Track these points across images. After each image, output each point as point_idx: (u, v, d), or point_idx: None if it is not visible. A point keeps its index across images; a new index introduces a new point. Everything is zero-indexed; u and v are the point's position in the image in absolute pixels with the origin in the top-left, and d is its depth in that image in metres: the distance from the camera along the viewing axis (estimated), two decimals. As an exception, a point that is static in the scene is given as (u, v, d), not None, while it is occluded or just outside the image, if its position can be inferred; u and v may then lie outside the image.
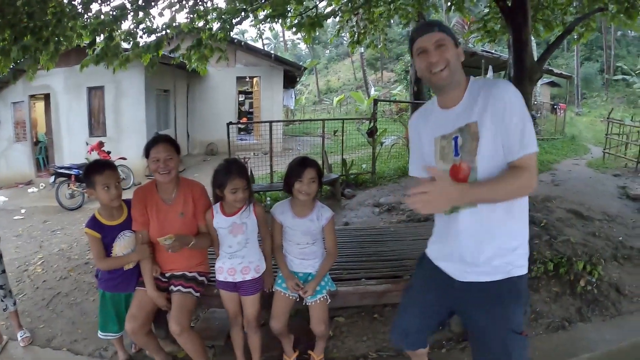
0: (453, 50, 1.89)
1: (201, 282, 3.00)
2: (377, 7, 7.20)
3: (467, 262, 1.93)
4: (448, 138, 1.93)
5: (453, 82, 1.91)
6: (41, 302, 4.47)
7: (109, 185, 2.80)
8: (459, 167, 1.89)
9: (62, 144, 12.68)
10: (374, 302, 3.40)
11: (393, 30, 33.60)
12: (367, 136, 9.45)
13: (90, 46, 4.90)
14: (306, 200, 2.77)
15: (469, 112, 1.87)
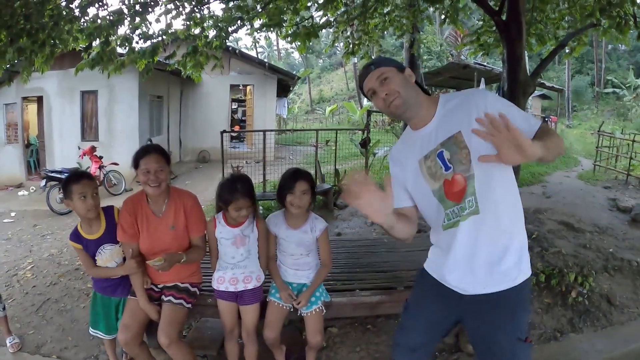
0: (398, 77, 1.89)
1: (193, 293, 2.97)
2: (372, 18, 7.24)
3: (473, 275, 1.87)
4: (431, 156, 1.90)
5: (413, 105, 1.90)
6: (31, 308, 4.42)
7: (85, 195, 2.73)
8: (452, 180, 1.85)
9: (53, 147, 12.60)
10: (368, 313, 3.41)
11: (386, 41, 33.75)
12: (360, 147, 9.46)
13: (86, 50, 4.89)
14: (299, 212, 2.77)
15: (448, 125, 1.86)
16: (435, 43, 28.94)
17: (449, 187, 1.86)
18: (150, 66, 5.51)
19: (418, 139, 1.96)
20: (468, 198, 1.82)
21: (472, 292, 1.90)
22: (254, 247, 2.86)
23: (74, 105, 12.35)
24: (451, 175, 1.84)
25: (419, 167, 1.95)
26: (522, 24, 4.64)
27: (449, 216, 1.88)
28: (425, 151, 1.92)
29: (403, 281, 3.42)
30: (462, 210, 1.84)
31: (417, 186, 1.99)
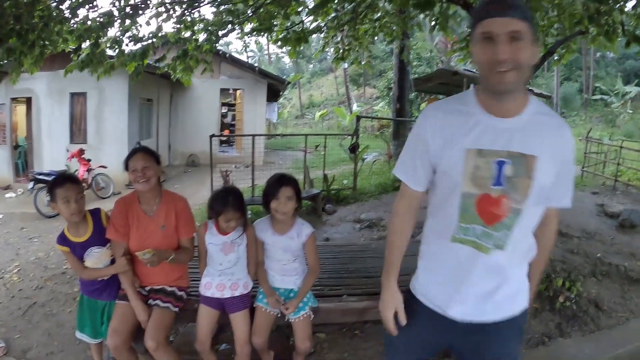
0: (529, 49, 1.45)
1: (180, 297, 2.97)
2: (362, 24, 7.26)
3: (474, 304, 1.67)
4: (489, 157, 1.55)
5: (516, 90, 1.52)
6: (17, 312, 4.41)
7: (69, 199, 2.72)
8: (495, 200, 1.56)
9: (42, 149, 12.46)
10: (356, 318, 3.41)
11: (376, 47, 33.93)
12: (349, 152, 9.50)
13: (75, 52, 4.87)
14: (284, 218, 2.77)
15: (530, 138, 1.53)
16: (425, 49, 29.05)
17: (487, 205, 1.58)
18: (140, 69, 5.49)
19: (484, 124, 1.57)
20: (502, 230, 1.58)
21: (468, 321, 1.70)
22: (242, 254, 2.86)
23: (63, 107, 12.25)
24: (498, 194, 1.56)
25: (463, 156, 1.57)
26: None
27: (466, 231, 1.63)
28: (484, 145, 1.55)
29: (391, 286, 3.40)
30: (486, 237, 1.60)
31: (446, 175, 1.65)
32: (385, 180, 10.16)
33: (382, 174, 11.15)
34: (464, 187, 1.59)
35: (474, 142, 1.56)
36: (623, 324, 3.93)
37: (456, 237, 1.65)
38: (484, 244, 1.61)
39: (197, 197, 10.00)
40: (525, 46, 1.43)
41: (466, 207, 1.61)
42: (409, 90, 14.41)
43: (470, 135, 1.57)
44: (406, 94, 14.29)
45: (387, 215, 7.26)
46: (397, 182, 8.16)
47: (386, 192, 9.20)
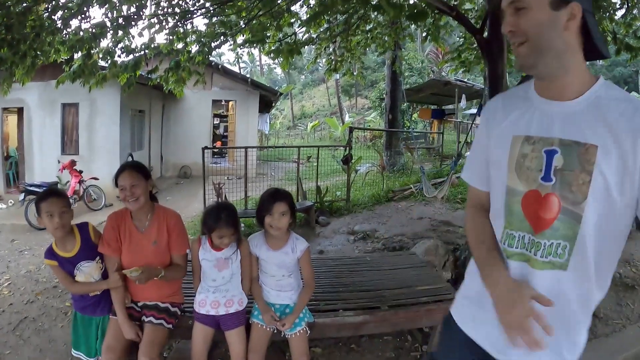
0: (542, 14, 1.25)
1: (174, 313, 2.93)
2: (354, 35, 7.31)
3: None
4: (537, 145, 1.32)
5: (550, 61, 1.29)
6: (7, 327, 4.31)
7: (52, 213, 2.66)
8: (544, 199, 1.29)
9: (33, 160, 12.34)
10: (352, 333, 3.37)
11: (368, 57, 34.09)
12: (342, 163, 9.50)
13: (67, 63, 4.85)
14: (279, 234, 2.74)
15: (588, 125, 1.25)
16: (416, 59, 29.23)
17: (534, 204, 1.32)
18: (132, 80, 5.47)
19: (537, 108, 1.37)
20: (556, 241, 1.29)
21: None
22: (236, 270, 2.82)
23: (54, 117, 12.16)
24: (545, 192, 1.30)
25: (509, 144, 1.38)
26: (504, 43, 4.69)
27: (511, 240, 1.38)
28: (534, 131, 1.34)
29: (387, 300, 3.38)
30: (535, 248, 1.32)
31: (494, 167, 1.47)
32: (378, 191, 10.16)
33: (375, 185, 11.14)
34: (509, 181, 1.38)
35: (523, 128, 1.36)
36: (619, 331, 3.94)
37: (504, 248, 1.40)
38: (534, 256, 1.32)
39: (189, 210, 9.95)
40: (530, 13, 1.26)
41: (512, 208, 1.36)
42: (401, 100, 14.50)
43: (521, 121, 1.38)
44: (398, 105, 14.40)
45: (381, 226, 7.26)
46: (390, 193, 8.21)
47: (380, 204, 9.21)
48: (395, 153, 13.98)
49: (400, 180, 11.53)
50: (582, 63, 1.31)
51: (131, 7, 4.88)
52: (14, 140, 13.78)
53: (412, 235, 6.44)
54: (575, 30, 1.27)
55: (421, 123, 25.49)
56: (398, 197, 9.64)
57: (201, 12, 5.45)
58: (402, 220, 7.67)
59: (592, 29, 1.28)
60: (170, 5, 5.33)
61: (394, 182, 11.26)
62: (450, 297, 3.39)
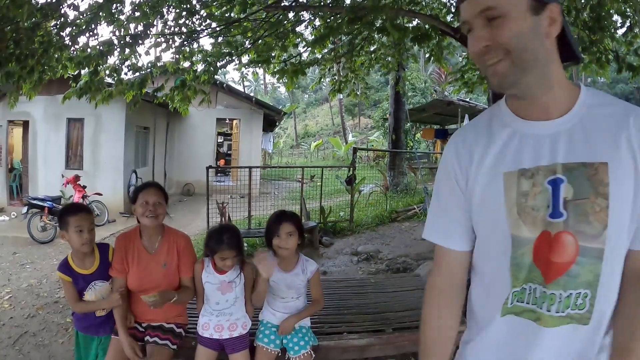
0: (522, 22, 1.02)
1: (178, 334, 2.92)
2: (358, 56, 7.36)
3: None
4: (538, 176, 1.08)
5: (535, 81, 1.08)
6: (7, 341, 4.32)
7: (82, 229, 2.69)
8: (556, 239, 1.05)
9: (37, 173, 12.35)
10: (356, 356, 3.33)
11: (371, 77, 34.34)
12: (346, 184, 9.52)
13: (75, 79, 4.89)
14: (287, 254, 2.75)
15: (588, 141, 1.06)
16: (419, 80, 29.47)
17: (547, 249, 1.06)
18: (137, 98, 5.53)
19: (522, 134, 1.13)
20: (575, 291, 1.05)
21: None
22: (240, 294, 2.81)
23: (59, 132, 12.17)
24: (557, 230, 1.05)
25: (502, 184, 1.12)
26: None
27: (521, 296, 1.12)
28: (527, 162, 1.10)
29: (392, 323, 3.38)
30: (548, 301, 1.07)
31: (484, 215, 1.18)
32: (381, 211, 10.19)
33: (378, 205, 11.15)
34: (512, 230, 1.10)
35: (513, 161, 1.11)
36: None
37: (508, 307, 1.14)
38: (547, 312, 1.08)
39: (192, 227, 9.94)
40: (507, 23, 1.02)
41: (518, 260, 1.10)
42: (405, 120, 14.54)
43: (507, 152, 1.13)
44: (402, 125, 14.43)
45: (385, 247, 7.25)
46: (394, 214, 8.21)
47: (383, 224, 9.24)
48: (399, 173, 14.00)
49: (403, 200, 11.55)
50: (563, 73, 1.12)
51: (138, 26, 4.94)
52: (19, 153, 13.89)
53: (415, 256, 6.43)
54: (555, 34, 1.07)
55: (424, 143, 25.55)
56: (401, 217, 9.65)
57: (207, 31, 5.49)
58: (406, 241, 7.66)
59: (567, 31, 1.11)
60: (177, 24, 5.37)
61: (397, 203, 11.28)
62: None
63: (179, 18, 5.30)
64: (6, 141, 12.81)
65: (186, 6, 5.18)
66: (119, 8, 4.71)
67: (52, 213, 9.12)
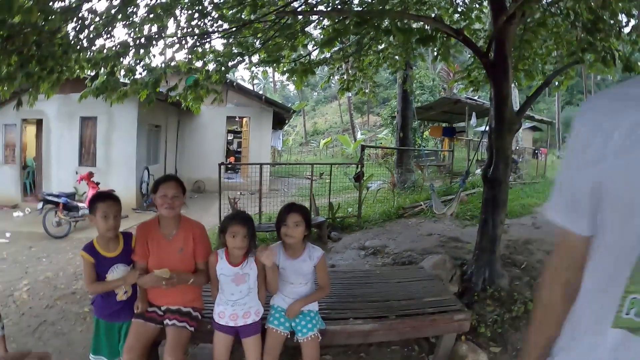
0: None
1: (195, 317, 3.09)
2: (366, 55, 7.47)
3: None
4: None
5: None
6: (27, 329, 4.46)
7: (107, 215, 2.89)
8: None
9: (50, 170, 12.58)
10: (361, 340, 3.50)
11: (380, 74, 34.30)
12: (354, 181, 9.65)
13: (92, 79, 5.03)
14: (294, 243, 2.94)
15: None
16: (427, 78, 29.37)
17: None
18: (152, 97, 5.65)
19: None
20: None
21: None
22: (253, 285, 2.97)
23: (72, 130, 12.40)
24: None
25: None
26: (509, 65, 4.83)
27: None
28: None
29: (395, 310, 3.53)
30: None
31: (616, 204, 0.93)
32: (389, 208, 10.30)
33: (386, 202, 11.27)
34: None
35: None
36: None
37: (623, 318, 0.91)
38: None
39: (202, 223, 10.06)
40: None
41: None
42: (412, 119, 14.62)
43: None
44: (410, 123, 14.51)
45: (391, 242, 7.37)
46: (401, 210, 8.33)
47: (390, 220, 9.34)
48: (406, 171, 14.08)
49: (410, 197, 11.63)
50: None
51: (152, 27, 5.08)
52: (32, 150, 14.10)
53: (421, 250, 6.54)
54: None
55: (432, 141, 25.59)
56: (408, 213, 9.76)
57: (219, 32, 5.63)
58: (412, 237, 7.77)
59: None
60: (190, 26, 5.52)
61: (404, 199, 11.38)
62: (455, 308, 3.55)
63: (191, 19, 5.44)
64: (20, 139, 13.03)
65: (198, 8, 5.32)
66: (133, 10, 4.85)
67: (67, 209, 9.34)
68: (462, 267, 5.27)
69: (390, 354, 3.85)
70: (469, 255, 5.74)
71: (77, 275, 6.32)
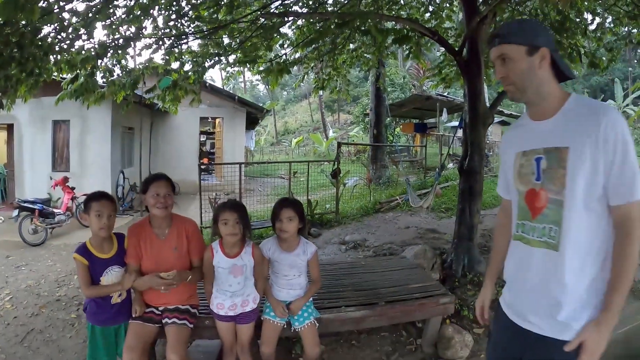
0: (522, 63, 1.70)
1: (194, 314, 3.14)
2: (340, 54, 7.58)
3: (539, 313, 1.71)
4: (529, 156, 1.77)
5: (531, 95, 1.75)
6: (14, 339, 4.37)
7: (101, 214, 2.87)
8: (537, 193, 1.72)
9: (23, 177, 12.27)
10: (354, 327, 3.65)
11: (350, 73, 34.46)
12: (331, 177, 9.77)
13: (72, 81, 4.98)
14: (288, 237, 3.04)
15: (562, 133, 1.66)
16: (398, 75, 29.73)
17: (531, 198, 1.75)
18: (130, 99, 5.64)
19: (528, 130, 1.82)
20: (548, 225, 1.69)
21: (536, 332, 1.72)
22: (250, 274, 3.06)
23: (45, 134, 12.12)
24: (539, 188, 1.73)
25: (513, 160, 1.86)
26: (482, 63, 5.04)
27: (521, 228, 1.80)
28: (527, 147, 1.80)
29: (383, 297, 3.69)
30: (533, 231, 1.74)
31: (507, 176, 1.95)
32: (366, 203, 10.47)
33: (362, 197, 11.43)
34: (516, 185, 1.84)
35: (521, 145, 1.83)
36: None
37: (515, 234, 1.85)
38: (532, 237, 1.75)
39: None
40: (512, 63, 1.71)
41: (519, 203, 1.82)
42: (385, 116, 14.82)
43: (520, 141, 1.85)
44: (383, 120, 14.69)
45: (371, 236, 7.51)
46: (377, 205, 8.47)
47: (368, 215, 9.51)
48: (381, 166, 14.30)
49: (386, 192, 11.84)
50: (556, 88, 1.75)
51: (130, 28, 5.06)
52: (3, 157, 13.65)
53: (400, 242, 6.69)
54: (547, 66, 1.72)
55: (404, 137, 25.92)
56: (385, 208, 9.95)
57: (195, 33, 5.64)
58: (390, 230, 7.93)
59: (558, 61, 1.74)
60: (167, 26, 5.52)
61: (380, 194, 11.56)
62: (440, 292, 3.75)
63: (169, 20, 5.42)
64: (-10, 146, 12.68)
65: (176, 8, 5.31)
66: (113, 11, 4.82)
67: (43, 215, 9.17)
68: (442, 256, 5.44)
69: (380, 340, 3.99)
70: (447, 245, 5.92)
71: (60, 282, 6.23)
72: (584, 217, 1.62)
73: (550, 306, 1.67)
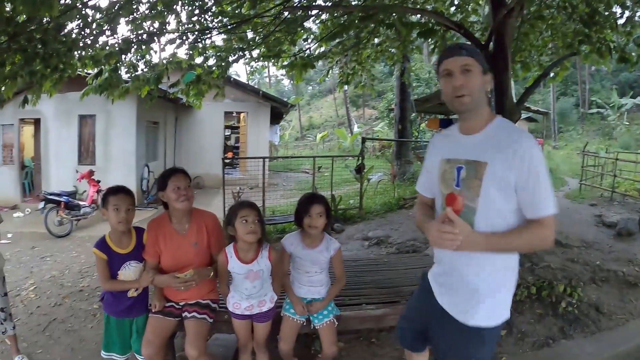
0: (479, 78, 1.89)
1: (214, 309, 3.12)
2: (364, 49, 7.52)
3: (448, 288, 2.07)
4: (452, 164, 1.99)
5: (474, 110, 1.94)
6: (37, 328, 4.45)
7: (119, 208, 2.85)
8: (455, 197, 1.95)
9: (49, 170, 12.48)
10: (374, 325, 3.60)
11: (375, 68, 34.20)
12: (355, 173, 9.72)
13: (96, 77, 5.03)
14: (316, 233, 2.98)
15: (483, 150, 1.89)
16: (423, 70, 29.40)
17: (451, 201, 1.97)
18: (154, 94, 5.66)
19: (454, 141, 2.05)
20: None
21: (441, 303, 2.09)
22: (267, 277, 3.01)
23: (70, 128, 12.31)
24: (457, 193, 1.95)
25: (438, 165, 2.07)
26: (509, 57, 4.90)
27: None
28: (451, 155, 2.02)
29: (405, 295, 3.63)
30: None
31: (431, 178, 2.16)
32: (389, 199, 10.43)
33: (386, 193, 11.36)
34: (439, 187, 2.07)
35: (446, 153, 2.06)
36: (622, 325, 4.13)
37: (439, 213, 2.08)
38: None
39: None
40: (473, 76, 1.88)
41: (442, 204, 2.03)
42: (410, 111, 14.67)
43: (446, 149, 2.09)
44: (408, 115, 14.56)
45: (394, 232, 7.45)
46: (401, 201, 8.40)
47: (391, 211, 9.46)
48: (406, 162, 14.17)
49: (410, 188, 11.69)
50: (488, 109, 1.99)
51: (154, 24, 5.08)
52: (30, 151, 14.05)
53: (424, 239, 6.60)
54: (488, 90, 2.00)
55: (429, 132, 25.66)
56: (409, 204, 9.83)
57: (219, 28, 5.65)
58: (414, 227, 7.76)
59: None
60: (191, 21, 5.53)
61: (404, 190, 11.49)
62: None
63: (192, 15, 5.44)
64: (18, 139, 12.94)
65: (199, 3, 5.33)
66: (137, 7, 4.83)
67: (68, 207, 9.38)
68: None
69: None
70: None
71: (83, 273, 6.35)
72: (495, 224, 1.87)
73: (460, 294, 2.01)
